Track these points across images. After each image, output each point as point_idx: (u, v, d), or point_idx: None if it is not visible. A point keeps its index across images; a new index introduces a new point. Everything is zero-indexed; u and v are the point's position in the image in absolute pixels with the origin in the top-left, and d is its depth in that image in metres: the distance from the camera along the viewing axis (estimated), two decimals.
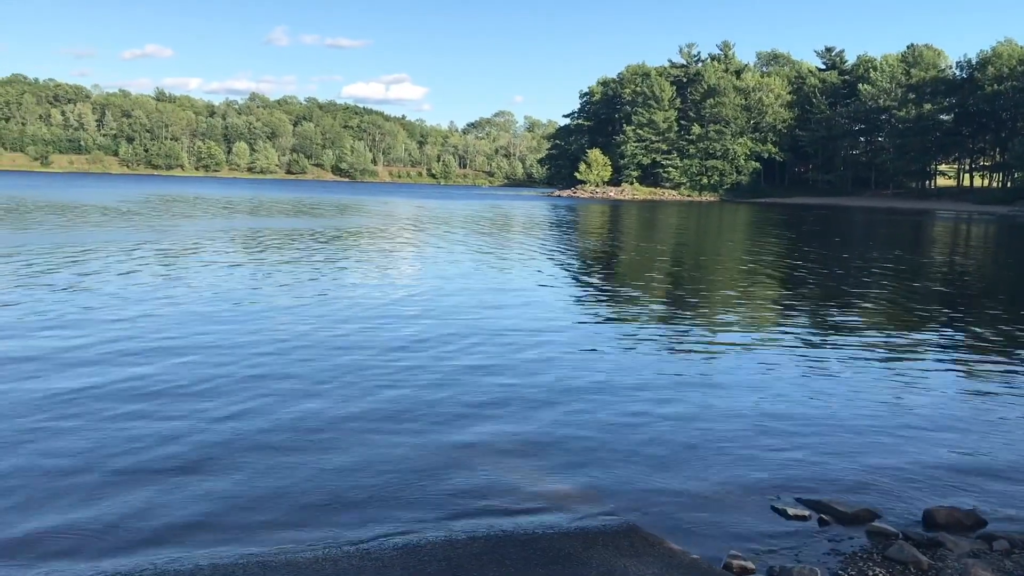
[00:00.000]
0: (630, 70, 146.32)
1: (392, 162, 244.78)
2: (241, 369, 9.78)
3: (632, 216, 64.52)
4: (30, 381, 8.93)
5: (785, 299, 18.22)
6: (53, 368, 9.52)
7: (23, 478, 6.29)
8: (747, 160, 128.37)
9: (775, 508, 6.17)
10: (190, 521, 5.69)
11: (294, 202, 67.13)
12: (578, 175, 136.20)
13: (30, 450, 6.88)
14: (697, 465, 7.03)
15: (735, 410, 8.75)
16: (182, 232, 31.44)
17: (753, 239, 40.42)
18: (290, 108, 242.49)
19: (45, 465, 6.55)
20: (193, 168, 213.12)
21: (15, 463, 6.58)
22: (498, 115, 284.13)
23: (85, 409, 8.01)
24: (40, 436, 7.22)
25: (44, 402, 8.18)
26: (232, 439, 7.34)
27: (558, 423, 8.11)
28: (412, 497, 6.19)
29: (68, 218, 37.33)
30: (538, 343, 11.94)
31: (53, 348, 10.51)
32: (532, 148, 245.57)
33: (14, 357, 9.98)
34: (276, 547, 5.34)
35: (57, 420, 7.65)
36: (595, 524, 5.81)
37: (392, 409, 8.37)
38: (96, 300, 14.36)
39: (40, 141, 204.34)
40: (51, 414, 7.81)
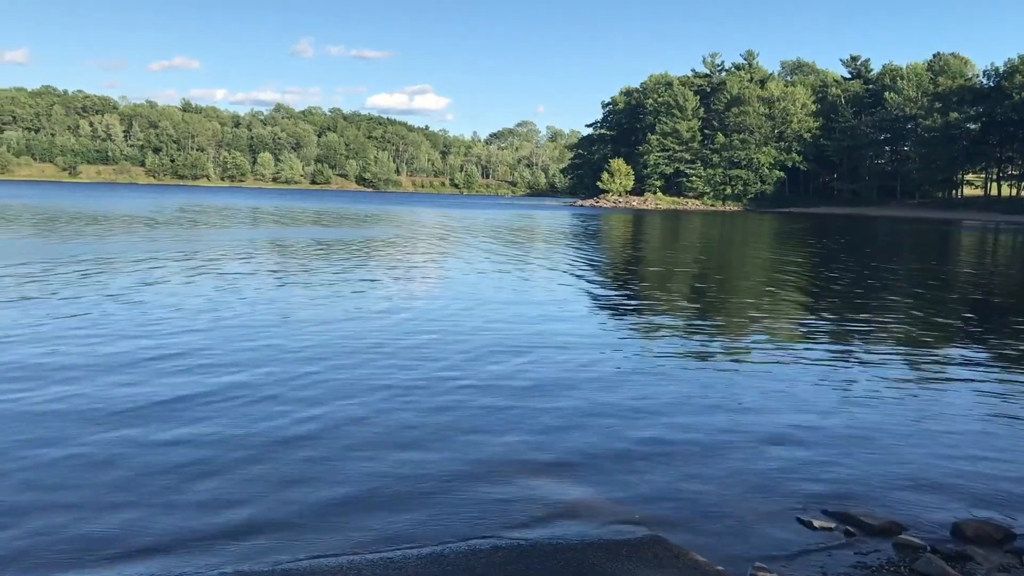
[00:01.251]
0: (653, 79, 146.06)
1: (415, 172, 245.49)
2: (267, 377, 9.84)
3: (655, 226, 64.36)
4: (128, 387, 9.06)
5: (811, 311, 18.09)
6: (139, 375, 9.65)
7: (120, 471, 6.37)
8: (771, 169, 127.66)
9: (801, 520, 6.12)
10: (213, 529, 5.73)
11: (320, 212, 67.48)
12: (600, 185, 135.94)
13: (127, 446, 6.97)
14: (722, 476, 6.99)
15: (760, 422, 8.69)
16: (218, 242, 31.71)
17: (778, 250, 40.18)
18: (315, 119, 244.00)
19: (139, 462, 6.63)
20: (219, 178, 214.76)
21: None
22: (520, 125, 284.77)
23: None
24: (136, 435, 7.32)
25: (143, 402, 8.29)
26: (253, 446, 7.39)
27: (581, 434, 8.09)
28: (435, 506, 6.20)
29: (108, 228, 37.76)
30: (563, 355, 11.92)
31: (121, 354, 10.65)
32: (554, 158, 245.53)
33: (101, 364, 10.12)
34: (299, 555, 5.37)
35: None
36: (619, 535, 5.80)
37: (415, 419, 8.39)
38: (152, 311, 14.55)
39: (69, 152, 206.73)
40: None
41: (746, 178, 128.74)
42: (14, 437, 7.44)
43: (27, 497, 6.15)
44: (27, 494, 6.21)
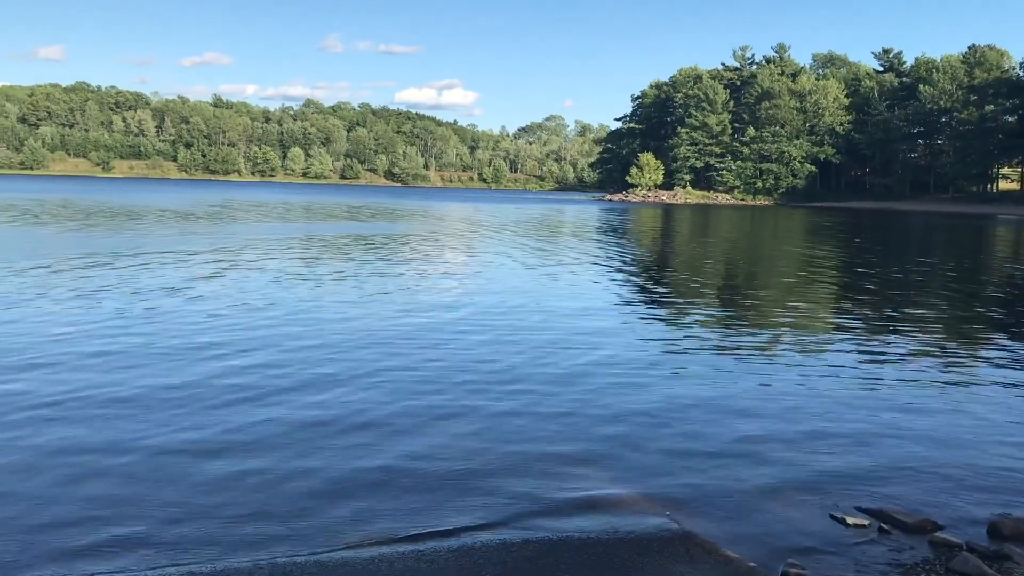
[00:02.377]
0: (682, 73, 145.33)
1: (443, 167, 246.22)
2: (302, 369, 9.91)
3: (686, 220, 64.06)
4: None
5: (842, 307, 17.93)
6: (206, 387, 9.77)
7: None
8: (802, 163, 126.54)
9: (834, 516, 6.06)
10: (245, 517, 5.78)
11: (353, 207, 67.84)
12: (629, 179, 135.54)
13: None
14: (753, 471, 6.94)
15: (791, 417, 8.62)
16: (259, 236, 31.99)
17: (809, 245, 39.84)
18: (344, 114, 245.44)
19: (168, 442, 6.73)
20: (249, 173, 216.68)
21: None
22: (549, 119, 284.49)
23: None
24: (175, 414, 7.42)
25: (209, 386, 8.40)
26: (284, 435, 7.44)
27: (612, 428, 8.07)
28: (466, 499, 6.21)
29: (150, 223, 38.24)
30: (594, 350, 11.89)
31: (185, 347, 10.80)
32: (583, 152, 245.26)
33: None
34: (332, 547, 5.40)
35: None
36: (650, 529, 5.77)
37: (445, 411, 8.40)
38: (220, 307, 14.73)
39: (102, 147, 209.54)
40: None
41: (777, 172, 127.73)
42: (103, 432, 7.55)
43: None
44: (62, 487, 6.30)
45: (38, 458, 6.78)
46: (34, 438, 7.25)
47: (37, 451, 6.94)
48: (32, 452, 6.91)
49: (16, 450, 6.94)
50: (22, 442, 7.14)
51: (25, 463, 6.66)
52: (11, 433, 7.36)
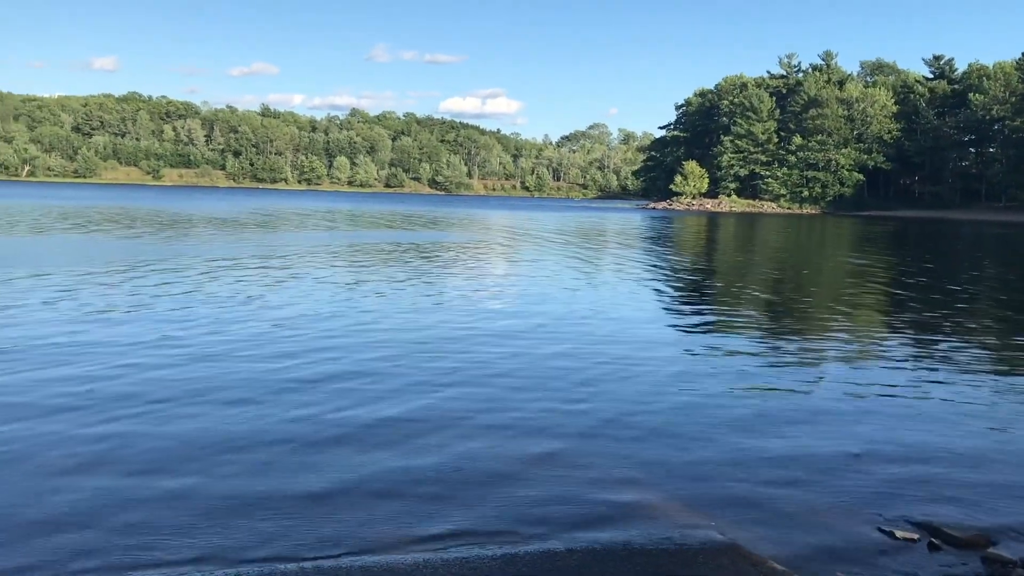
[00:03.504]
0: (727, 81, 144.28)
1: (487, 175, 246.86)
2: (341, 370, 10.03)
3: (732, 229, 63.49)
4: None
5: (891, 317, 17.66)
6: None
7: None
8: (850, 171, 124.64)
9: (882, 529, 5.98)
10: (293, 521, 5.86)
11: (406, 216, 68.28)
12: (674, 187, 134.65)
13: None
14: (800, 484, 6.87)
15: (839, 428, 8.52)
16: (314, 244, 32.41)
17: (857, 255, 39.26)
18: (389, 123, 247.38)
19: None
20: (296, 182, 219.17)
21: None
22: (592, 128, 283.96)
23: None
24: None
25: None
26: (321, 441, 7.53)
27: (656, 435, 8.04)
28: (511, 505, 6.22)
29: (208, 230, 38.94)
30: (637, 355, 11.86)
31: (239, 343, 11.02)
32: (627, 160, 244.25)
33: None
34: (375, 550, 5.45)
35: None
36: (695, 540, 5.74)
37: (489, 417, 8.43)
38: (287, 313, 15.00)
39: (152, 155, 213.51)
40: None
41: (824, 180, 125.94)
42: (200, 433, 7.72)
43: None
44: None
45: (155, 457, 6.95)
46: (150, 438, 7.44)
47: (157, 452, 7.12)
48: (154, 452, 7.10)
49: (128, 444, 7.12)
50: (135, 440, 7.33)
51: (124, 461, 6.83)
52: (122, 427, 7.56)
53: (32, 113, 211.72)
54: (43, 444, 7.31)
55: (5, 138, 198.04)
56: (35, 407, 8.40)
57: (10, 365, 10.13)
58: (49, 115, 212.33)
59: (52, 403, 8.54)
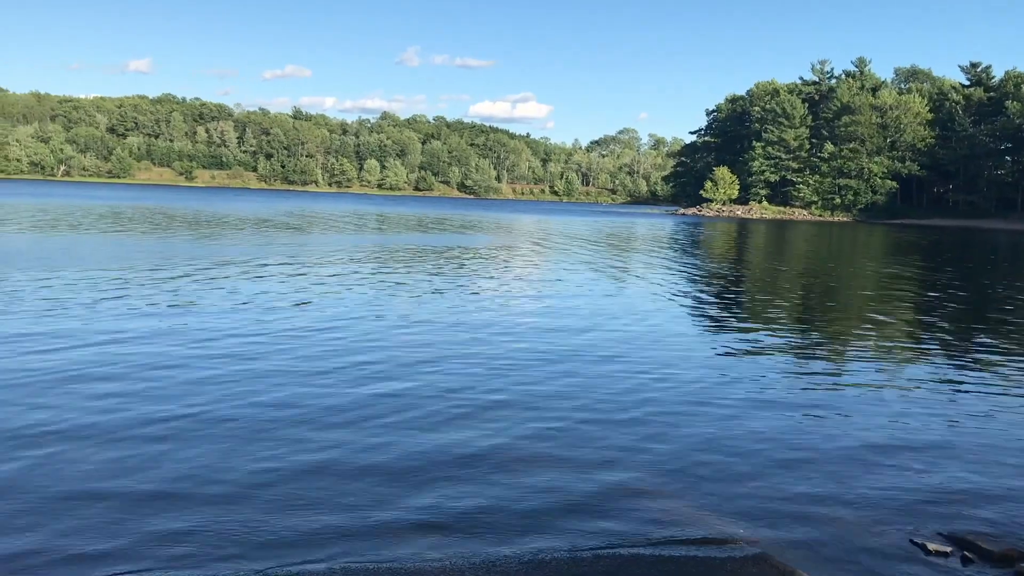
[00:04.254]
0: (759, 87, 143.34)
1: (516, 179, 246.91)
2: (375, 384, 10.09)
3: (763, 236, 63.03)
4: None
5: (923, 328, 17.44)
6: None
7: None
8: (883, 179, 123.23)
9: (914, 542, 5.91)
10: (323, 525, 5.90)
11: (432, 219, 68.49)
12: (704, 193, 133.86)
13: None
14: (831, 495, 6.80)
15: (868, 439, 8.43)
16: (350, 246, 32.62)
17: (889, 263, 38.84)
18: (419, 126, 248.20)
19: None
20: (326, 184, 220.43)
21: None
22: (622, 132, 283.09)
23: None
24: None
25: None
26: (358, 451, 7.57)
27: (686, 445, 8.01)
28: (536, 511, 6.23)
29: (247, 231, 39.32)
30: (665, 365, 11.83)
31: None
32: (656, 166, 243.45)
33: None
34: (407, 555, 5.48)
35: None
36: (724, 549, 5.71)
37: (519, 427, 8.44)
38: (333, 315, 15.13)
39: (185, 157, 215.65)
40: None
41: (856, 188, 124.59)
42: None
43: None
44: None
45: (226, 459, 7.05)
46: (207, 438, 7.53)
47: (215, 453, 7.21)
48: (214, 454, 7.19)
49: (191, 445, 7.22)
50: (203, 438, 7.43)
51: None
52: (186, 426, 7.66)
53: (68, 114, 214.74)
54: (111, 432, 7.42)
55: (42, 138, 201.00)
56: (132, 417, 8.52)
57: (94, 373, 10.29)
58: (85, 116, 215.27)
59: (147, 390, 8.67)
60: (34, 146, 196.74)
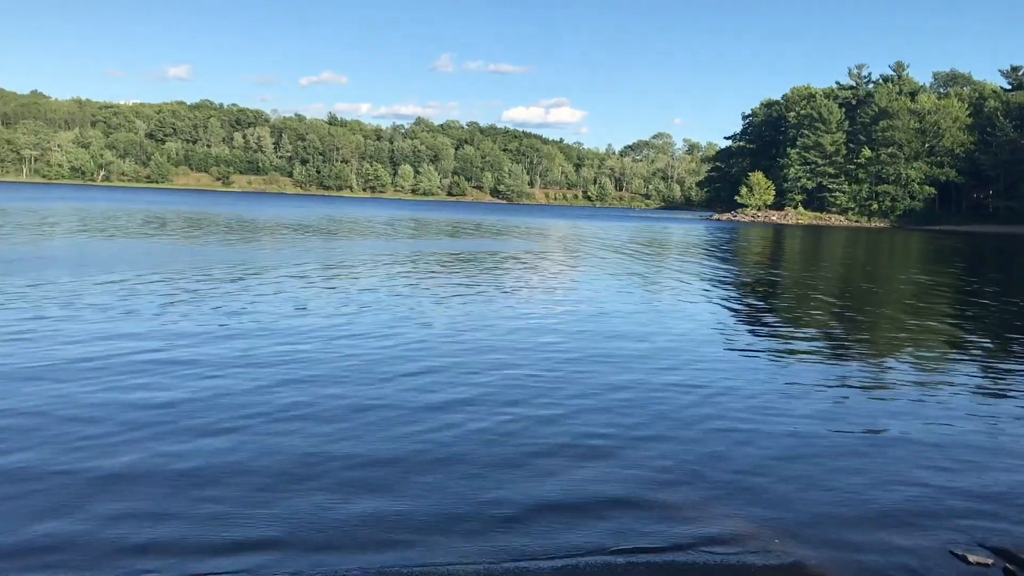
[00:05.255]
0: (795, 92, 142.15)
1: (548, 184, 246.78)
2: (414, 386, 10.14)
3: (797, 242, 62.45)
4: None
5: (962, 337, 17.17)
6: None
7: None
8: (921, 185, 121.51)
9: (954, 553, 5.81)
10: (355, 526, 5.93)
11: (468, 224, 68.67)
12: (739, 199, 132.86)
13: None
14: (869, 505, 6.71)
15: (905, 449, 8.31)
16: (391, 251, 32.85)
17: (928, 271, 38.32)
18: (453, 132, 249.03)
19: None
20: (360, 189, 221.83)
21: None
22: (656, 137, 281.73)
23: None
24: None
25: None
26: (389, 453, 7.60)
27: (719, 453, 7.95)
28: (569, 518, 6.21)
29: (288, 235, 39.78)
30: (698, 372, 11.77)
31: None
32: (691, 171, 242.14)
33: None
34: (438, 560, 5.48)
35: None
36: (758, 558, 5.65)
37: (552, 432, 8.44)
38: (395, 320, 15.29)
39: (223, 162, 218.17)
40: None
41: (894, 194, 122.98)
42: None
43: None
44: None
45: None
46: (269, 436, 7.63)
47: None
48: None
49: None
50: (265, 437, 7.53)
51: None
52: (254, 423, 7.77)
53: (108, 120, 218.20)
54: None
55: (83, 143, 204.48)
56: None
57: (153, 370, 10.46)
58: (124, 121, 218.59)
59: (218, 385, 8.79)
60: (75, 151, 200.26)
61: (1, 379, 9.61)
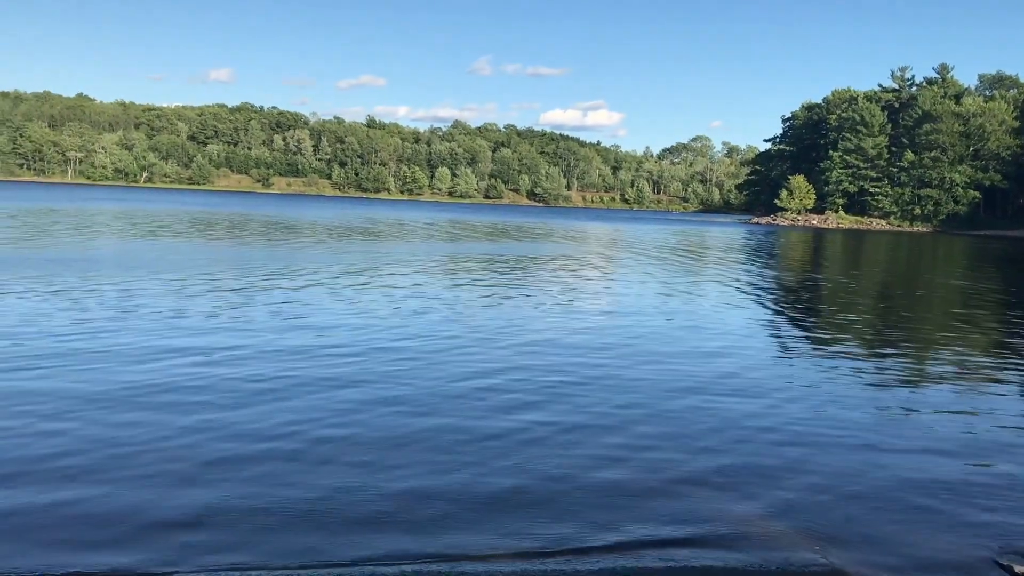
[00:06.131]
0: (836, 95, 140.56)
1: (585, 187, 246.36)
2: (464, 383, 10.22)
3: (838, 246, 61.74)
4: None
5: (1008, 345, 16.90)
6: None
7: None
8: (965, 189, 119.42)
9: (999, 563, 5.74)
10: (392, 523, 6.01)
11: (513, 227, 68.80)
12: (779, 202, 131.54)
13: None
14: (912, 509, 6.65)
15: (948, 455, 8.22)
16: (432, 254, 33.09)
17: (973, 277, 37.71)
18: (490, 135, 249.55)
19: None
20: (398, 192, 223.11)
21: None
22: (695, 140, 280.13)
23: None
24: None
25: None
26: (439, 451, 7.67)
27: (760, 457, 7.92)
28: (607, 519, 6.22)
29: (332, 237, 40.23)
30: (743, 378, 11.71)
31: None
32: (730, 174, 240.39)
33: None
34: (483, 556, 5.53)
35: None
36: (797, 563, 5.63)
37: (594, 434, 8.45)
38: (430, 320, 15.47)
39: (263, 164, 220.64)
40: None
41: (937, 198, 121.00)
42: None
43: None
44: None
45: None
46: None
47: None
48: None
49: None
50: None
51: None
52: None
53: (151, 122, 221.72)
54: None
55: (126, 145, 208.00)
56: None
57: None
58: (167, 124, 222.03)
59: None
60: (119, 153, 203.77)
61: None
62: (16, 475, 6.66)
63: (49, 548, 5.47)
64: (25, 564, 5.23)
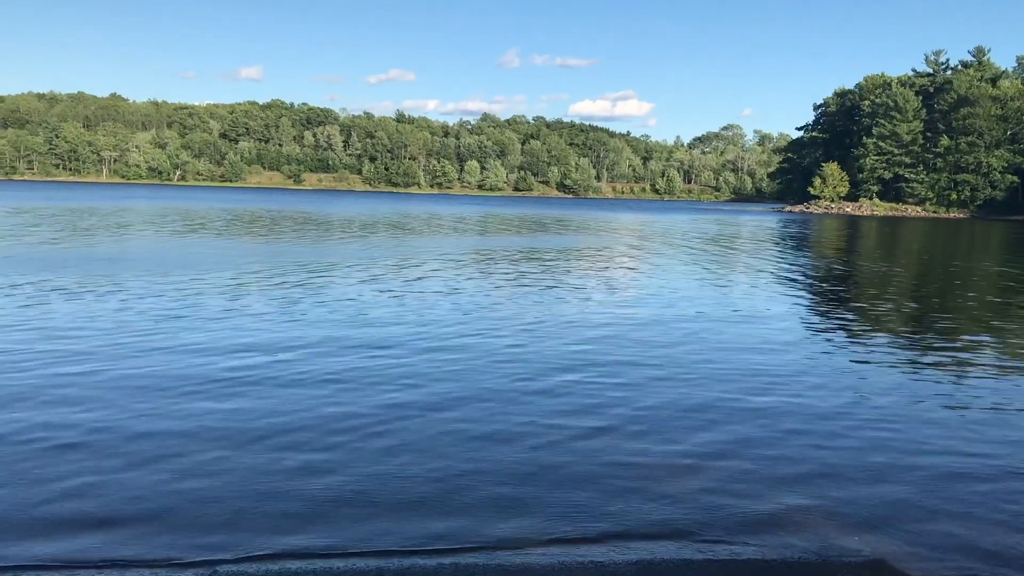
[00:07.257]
0: (869, 80, 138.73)
1: (615, 178, 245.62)
2: (485, 378, 10.26)
3: (874, 233, 60.99)
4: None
5: None
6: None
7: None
8: (1003, 174, 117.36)
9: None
10: (422, 512, 6.01)
11: (551, 219, 68.78)
12: (812, 190, 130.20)
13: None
14: (953, 500, 6.53)
15: (997, 451, 8.04)
16: (470, 248, 33.21)
17: (1013, 263, 37.08)
18: (519, 127, 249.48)
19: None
20: (428, 186, 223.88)
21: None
22: (726, 129, 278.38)
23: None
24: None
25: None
26: (463, 446, 7.67)
27: (800, 442, 7.84)
28: (647, 508, 6.19)
29: (369, 232, 40.49)
30: (784, 368, 11.62)
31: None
32: (762, 162, 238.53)
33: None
34: (515, 550, 5.54)
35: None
36: (837, 553, 5.56)
37: (626, 422, 8.42)
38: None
39: (294, 161, 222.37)
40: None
41: (973, 183, 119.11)
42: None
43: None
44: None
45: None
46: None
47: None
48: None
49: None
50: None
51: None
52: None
53: (183, 120, 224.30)
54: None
55: (159, 144, 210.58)
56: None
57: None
58: (199, 122, 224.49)
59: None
60: (152, 152, 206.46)
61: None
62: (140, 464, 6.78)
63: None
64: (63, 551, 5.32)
